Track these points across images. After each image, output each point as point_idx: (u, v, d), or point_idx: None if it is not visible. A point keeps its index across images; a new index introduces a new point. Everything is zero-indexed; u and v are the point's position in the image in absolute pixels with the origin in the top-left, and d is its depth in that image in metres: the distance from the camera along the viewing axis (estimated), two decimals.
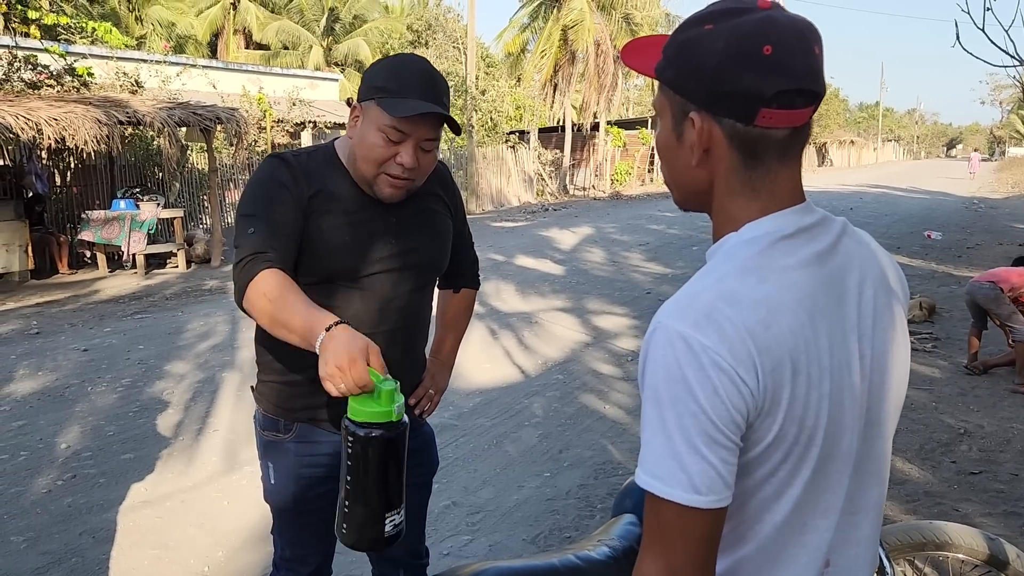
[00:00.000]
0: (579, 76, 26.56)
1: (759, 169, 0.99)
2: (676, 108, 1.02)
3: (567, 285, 9.53)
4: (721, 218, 1.04)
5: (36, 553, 3.29)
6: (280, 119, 16.10)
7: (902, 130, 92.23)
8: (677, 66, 1.00)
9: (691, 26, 0.99)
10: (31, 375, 5.91)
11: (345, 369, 1.39)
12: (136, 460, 4.26)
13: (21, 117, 8.91)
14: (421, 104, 1.66)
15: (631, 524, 1.87)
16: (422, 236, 1.87)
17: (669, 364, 0.91)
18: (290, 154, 1.80)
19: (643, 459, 0.93)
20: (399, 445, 1.47)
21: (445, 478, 3.93)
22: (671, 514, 0.91)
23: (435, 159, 1.79)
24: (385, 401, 1.43)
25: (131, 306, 8.76)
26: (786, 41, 0.93)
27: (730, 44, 0.94)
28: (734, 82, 0.94)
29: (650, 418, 0.92)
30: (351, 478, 1.43)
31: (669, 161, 1.07)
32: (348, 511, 1.46)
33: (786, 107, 0.94)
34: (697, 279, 0.98)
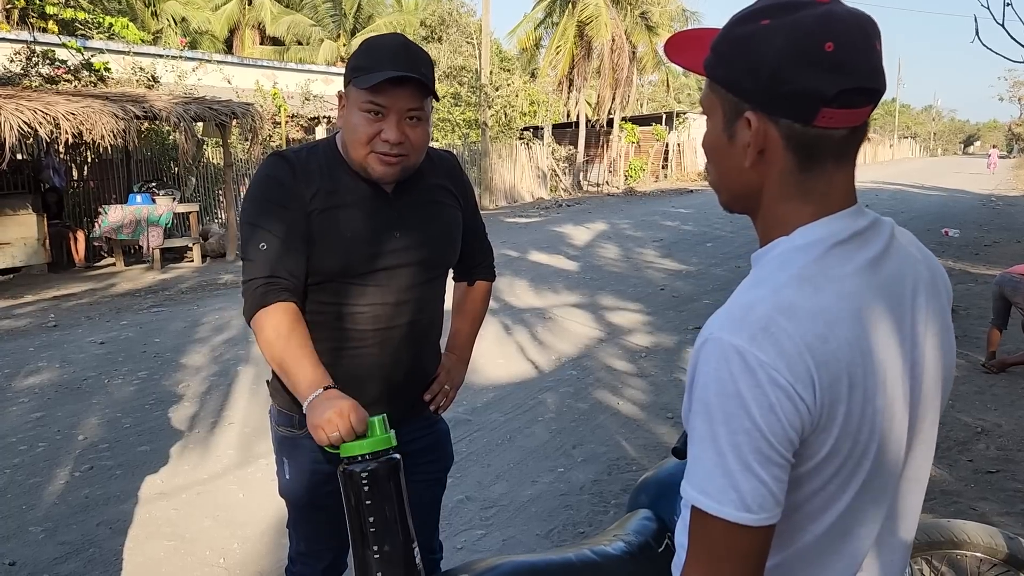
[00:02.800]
0: (594, 72, 26.50)
1: (814, 171, 0.95)
2: (728, 108, 0.97)
3: (581, 281, 9.51)
4: (770, 222, 1.00)
5: (54, 543, 3.32)
6: (294, 114, 16.15)
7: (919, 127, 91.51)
8: (731, 64, 0.96)
9: (746, 21, 0.94)
10: (49, 367, 5.97)
11: (345, 414, 1.45)
12: (152, 452, 4.29)
13: (39, 112, 8.98)
14: (391, 72, 1.63)
15: (646, 519, 1.87)
16: (428, 229, 1.86)
17: (723, 379, 0.87)
18: (291, 152, 1.80)
19: (691, 474, 0.90)
20: (402, 472, 1.47)
21: (459, 473, 3.93)
22: (720, 531, 0.88)
23: (426, 133, 1.76)
24: (381, 429, 1.46)
25: (147, 300, 8.82)
26: (848, 38, 0.89)
27: (790, 41, 0.90)
28: (794, 81, 0.90)
29: (700, 433, 0.89)
30: (373, 519, 1.41)
31: (718, 163, 1.03)
32: (378, 556, 1.41)
33: (847, 106, 0.90)
34: (750, 288, 0.94)
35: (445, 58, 23.29)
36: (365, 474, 1.40)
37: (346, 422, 1.44)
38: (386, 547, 1.41)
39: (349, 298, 1.78)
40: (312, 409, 1.50)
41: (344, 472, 1.42)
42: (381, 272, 1.79)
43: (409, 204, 1.82)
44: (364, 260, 1.77)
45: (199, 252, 11.67)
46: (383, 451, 1.43)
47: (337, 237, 1.74)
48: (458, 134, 21.03)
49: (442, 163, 1.92)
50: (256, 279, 1.68)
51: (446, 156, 1.97)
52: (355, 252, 1.76)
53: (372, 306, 1.79)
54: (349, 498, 1.42)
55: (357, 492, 1.41)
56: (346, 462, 1.43)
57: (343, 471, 1.42)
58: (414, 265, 1.83)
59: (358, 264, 1.76)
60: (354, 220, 1.76)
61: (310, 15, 30.98)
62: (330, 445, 1.46)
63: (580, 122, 26.20)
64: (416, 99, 1.69)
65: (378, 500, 1.41)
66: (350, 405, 1.47)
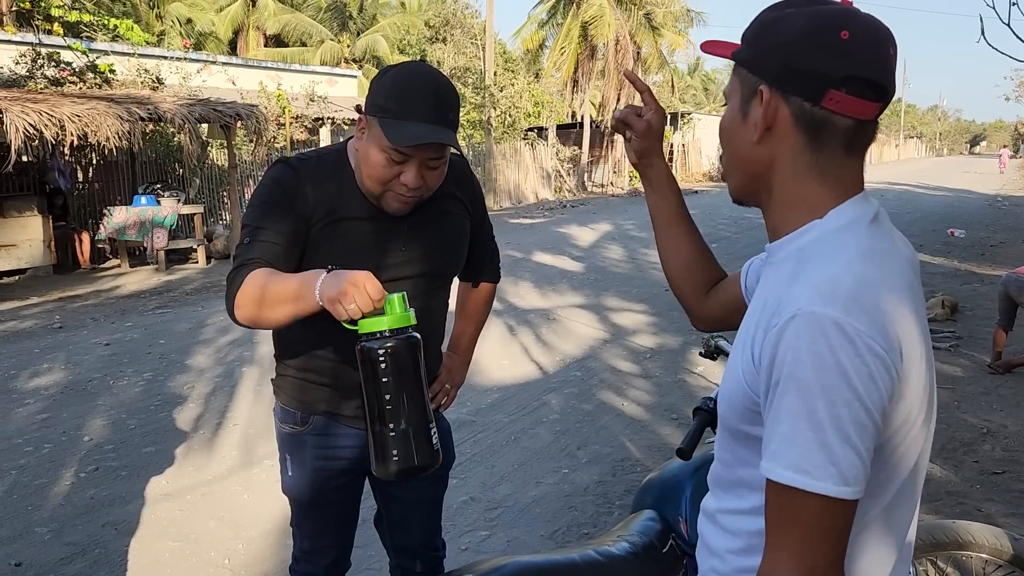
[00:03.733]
0: (598, 73, 26.50)
1: (824, 152, 1.00)
2: (746, 87, 1.04)
3: (585, 282, 9.51)
4: (788, 202, 1.04)
5: (60, 544, 3.33)
6: (298, 115, 16.17)
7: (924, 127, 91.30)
8: (755, 45, 1.03)
9: (774, 9, 1.03)
10: (54, 369, 5.98)
11: (359, 284, 1.36)
12: (157, 453, 4.30)
13: (44, 114, 9.01)
14: (422, 131, 1.59)
15: (651, 520, 1.87)
16: (435, 242, 1.84)
17: (820, 352, 0.87)
18: (297, 159, 1.77)
19: (780, 454, 0.90)
20: (421, 351, 1.44)
21: (463, 474, 3.93)
22: (815, 509, 0.88)
23: (443, 174, 1.72)
24: (401, 307, 1.41)
25: (152, 301, 8.84)
26: (863, 32, 0.96)
27: (808, 22, 0.97)
28: (807, 59, 0.96)
29: (792, 410, 0.89)
30: (390, 396, 1.39)
31: (731, 141, 1.08)
32: (394, 434, 1.40)
33: (854, 95, 0.96)
34: (821, 266, 0.95)
35: (449, 59, 23.30)
36: (383, 351, 1.37)
37: (363, 292, 1.36)
38: (402, 425, 1.39)
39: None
40: (324, 289, 1.41)
41: (361, 349, 1.39)
42: (387, 283, 1.78)
43: (417, 218, 1.79)
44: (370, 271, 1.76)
45: (204, 253, 11.69)
46: (402, 328, 1.40)
47: (342, 248, 1.73)
48: (462, 135, 21.06)
49: (452, 170, 1.86)
50: (231, 272, 1.65)
51: (456, 162, 1.90)
52: (360, 263, 1.74)
53: None
54: (367, 375, 1.39)
55: (375, 369, 1.38)
56: (364, 339, 1.39)
57: (361, 348, 1.39)
58: (420, 277, 1.82)
59: None
60: (360, 232, 1.74)
61: (314, 16, 31.05)
62: (348, 321, 1.39)
63: (584, 123, 26.20)
64: (440, 150, 1.66)
65: (396, 378, 1.38)
66: (364, 275, 1.38)
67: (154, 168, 13.49)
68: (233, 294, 1.61)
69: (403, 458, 1.41)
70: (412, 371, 1.40)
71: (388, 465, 1.41)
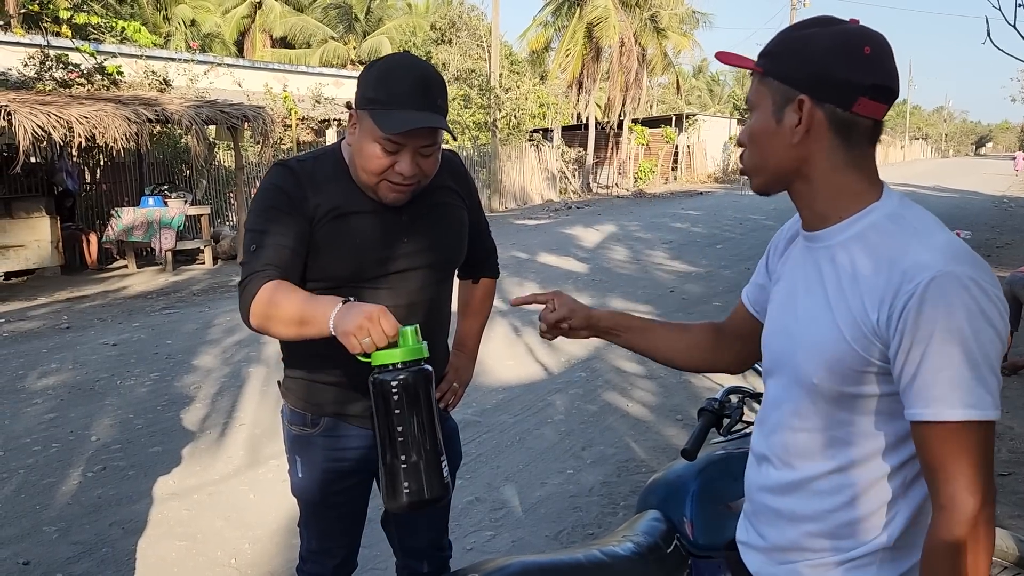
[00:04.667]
0: (603, 74, 26.49)
1: (855, 150, 1.17)
2: (778, 96, 1.17)
3: (590, 283, 9.51)
4: (832, 191, 1.19)
5: (67, 543, 3.35)
6: (305, 117, 16.21)
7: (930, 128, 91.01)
8: (784, 59, 1.18)
9: (798, 29, 1.19)
10: (62, 369, 6.01)
11: (374, 319, 1.38)
12: (164, 453, 4.32)
13: (53, 115, 9.05)
14: (412, 117, 1.62)
15: (655, 520, 1.87)
16: (436, 232, 1.86)
17: (967, 303, 1.04)
18: (295, 161, 1.79)
19: (948, 397, 1.05)
20: (433, 383, 1.46)
21: (468, 474, 3.94)
22: (983, 435, 1.06)
23: (437, 160, 1.75)
24: (413, 340, 1.42)
25: (159, 302, 8.88)
26: (880, 47, 1.14)
27: (836, 40, 1.14)
28: (841, 72, 1.12)
29: (950, 357, 1.04)
30: (402, 428, 1.40)
31: (765, 144, 1.21)
32: (405, 466, 1.41)
33: (877, 99, 1.14)
34: (929, 235, 1.11)
35: (455, 61, 23.30)
36: (396, 383, 1.38)
37: (377, 327, 1.38)
38: (413, 457, 1.40)
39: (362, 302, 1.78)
40: (338, 322, 1.43)
41: (374, 381, 1.40)
42: (392, 276, 1.80)
43: (417, 210, 1.82)
44: (374, 265, 1.77)
45: (210, 254, 11.73)
46: (415, 361, 1.41)
47: (346, 245, 1.75)
48: (468, 136, 21.06)
49: (446, 164, 1.91)
50: (243, 280, 1.67)
51: (449, 156, 1.96)
52: (365, 258, 1.76)
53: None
54: (379, 407, 1.40)
55: (386, 401, 1.39)
56: (377, 371, 1.41)
57: (373, 380, 1.40)
58: (424, 268, 1.84)
59: (368, 269, 1.77)
60: (362, 228, 1.76)
61: (320, 18, 31.11)
62: (362, 353, 1.41)
63: (590, 124, 26.18)
64: (432, 136, 1.68)
65: (408, 410, 1.39)
66: (378, 309, 1.40)
67: (161, 169, 13.54)
68: (248, 303, 1.63)
69: (414, 491, 1.42)
70: (424, 403, 1.42)
71: (399, 497, 1.42)
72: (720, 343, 1.57)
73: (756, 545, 1.36)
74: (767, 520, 1.32)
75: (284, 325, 1.57)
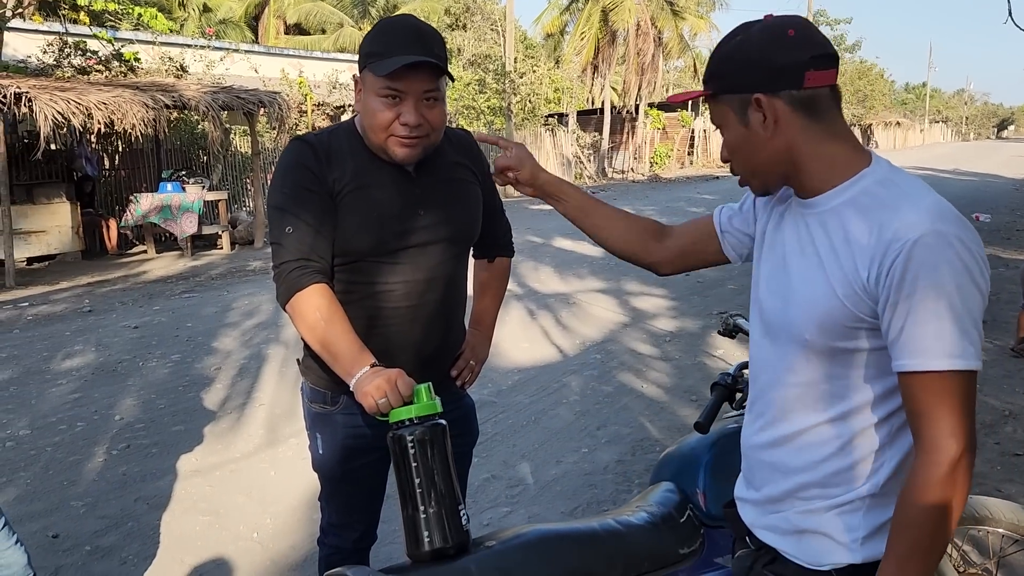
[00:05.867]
0: (619, 58, 26.34)
1: (826, 120, 1.23)
2: (736, 105, 1.25)
3: (605, 267, 9.53)
4: (822, 164, 1.24)
5: (94, 517, 3.44)
6: (321, 102, 16.25)
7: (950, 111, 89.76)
8: (725, 74, 1.25)
9: (723, 45, 1.26)
10: (85, 351, 6.12)
11: (392, 381, 1.50)
12: (186, 432, 4.40)
13: (72, 102, 9.14)
14: (406, 58, 1.66)
15: (669, 491, 1.91)
16: (451, 206, 1.89)
17: (951, 260, 1.10)
18: (312, 136, 1.83)
19: (932, 348, 1.11)
20: (448, 437, 1.51)
21: (485, 452, 3.99)
22: (965, 383, 1.12)
23: (443, 112, 1.79)
24: (427, 396, 1.51)
25: (179, 286, 8.98)
26: (801, 25, 1.22)
27: (764, 36, 1.21)
28: (780, 58, 1.19)
29: (934, 311, 1.10)
30: (420, 480, 1.45)
31: (746, 150, 1.27)
32: (425, 516, 1.46)
33: (822, 68, 1.20)
34: (917, 197, 1.17)
35: (470, 45, 23.24)
36: (412, 438, 1.45)
37: (394, 389, 1.49)
38: (432, 507, 1.46)
39: (380, 276, 1.82)
40: (359, 383, 1.56)
41: (392, 437, 1.47)
42: (411, 249, 1.83)
43: (431, 182, 1.86)
44: (392, 238, 1.81)
45: (228, 239, 11.82)
46: (429, 416, 1.48)
47: (365, 217, 1.78)
48: (483, 121, 21.03)
49: (459, 141, 1.96)
50: (288, 262, 1.72)
51: (463, 135, 2.00)
52: (383, 231, 1.80)
53: (403, 283, 1.83)
54: (397, 461, 1.47)
55: (404, 455, 1.46)
56: (394, 427, 1.48)
57: (391, 436, 1.47)
58: (441, 242, 1.87)
59: (387, 243, 1.80)
60: (380, 200, 1.79)
61: (334, 3, 31.06)
62: (378, 412, 1.51)
63: (605, 108, 26.07)
64: (432, 81, 1.72)
65: (425, 463, 1.45)
66: (397, 373, 1.52)
67: (179, 155, 13.63)
68: (290, 294, 1.72)
69: (435, 539, 1.46)
70: (439, 456, 1.47)
71: (420, 546, 1.46)
72: (658, 240, 1.66)
73: (751, 499, 1.43)
74: (761, 474, 1.40)
75: (314, 341, 1.71)
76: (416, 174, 1.84)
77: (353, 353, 1.64)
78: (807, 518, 1.31)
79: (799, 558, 1.33)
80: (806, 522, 1.32)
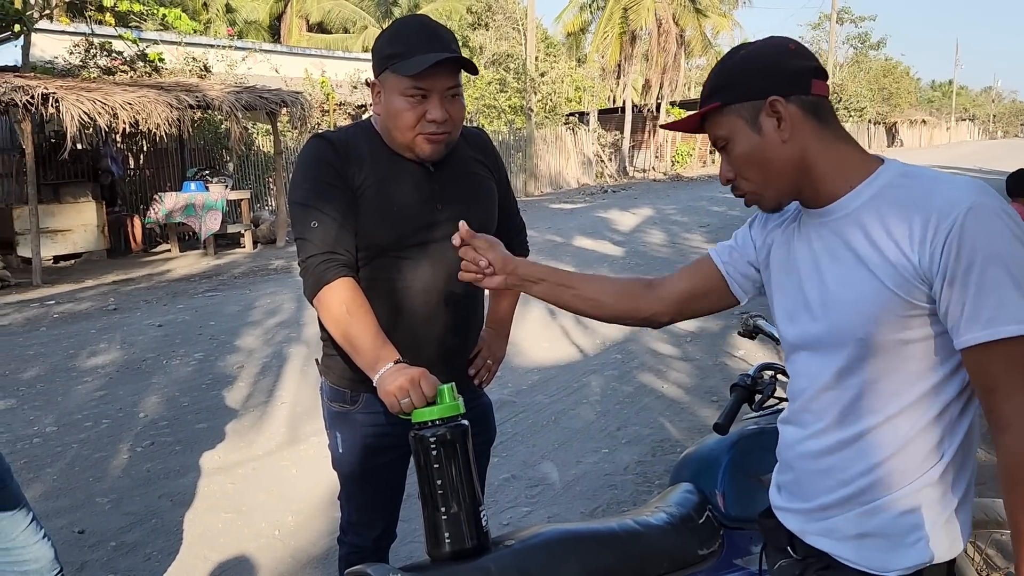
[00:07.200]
0: (641, 57, 26.25)
1: (832, 124, 1.26)
2: (747, 113, 1.25)
3: (626, 266, 9.50)
4: (835, 169, 1.25)
5: (120, 514, 3.49)
6: (342, 102, 16.34)
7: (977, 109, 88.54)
8: (736, 83, 1.26)
9: (727, 60, 1.30)
10: (110, 348, 6.20)
11: (416, 381, 1.51)
12: (209, 429, 4.45)
13: (98, 102, 9.27)
14: (431, 56, 1.69)
15: (688, 492, 1.91)
16: (469, 201, 1.91)
17: (1002, 230, 1.11)
18: (331, 133, 1.86)
19: (999, 317, 1.10)
20: (470, 438, 1.52)
21: (504, 452, 4.00)
22: None
23: (463, 106, 1.83)
24: (450, 397, 1.51)
25: (202, 284, 9.07)
26: (797, 42, 1.28)
27: (770, 48, 1.27)
28: (790, 65, 1.24)
29: (996, 280, 1.10)
30: (441, 481, 1.46)
31: (761, 160, 1.27)
32: (445, 518, 1.46)
33: (821, 78, 1.26)
34: (947, 179, 1.19)
35: (491, 44, 23.24)
36: (434, 439, 1.46)
37: (417, 389, 1.50)
38: (453, 508, 1.46)
39: (400, 272, 1.84)
40: (383, 380, 1.57)
41: (415, 437, 1.48)
42: (430, 245, 1.85)
43: (449, 178, 1.88)
44: (412, 233, 1.83)
45: (251, 238, 11.92)
46: (451, 417, 1.49)
47: (385, 212, 1.80)
48: (504, 120, 21.04)
49: (475, 139, 2.00)
50: (314, 256, 1.74)
51: (478, 133, 2.04)
52: (403, 226, 1.82)
53: (423, 278, 1.85)
54: (419, 461, 1.47)
55: (427, 456, 1.46)
56: (416, 427, 1.49)
57: (413, 436, 1.48)
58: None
59: (406, 237, 1.82)
60: (399, 195, 1.82)
61: (356, 3, 31.21)
62: (401, 412, 1.52)
63: (626, 107, 25.98)
64: (454, 77, 1.76)
65: (446, 464, 1.46)
66: (420, 372, 1.52)
67: (202, 154, 13.76)
68: (318, 287, 1.73)
69: (454, 540, 1.47)
70: (461, 457, 1.48)
71: (441, 547, 1.47)
72: (651, 291, 1.57)
73: (798, 508, 1.38)
74: (812, 483, 1.35)
75: (339, 334, 1.72)
76: (434, 169, 1.87)
77: (376, 347, 1.65)
78: (867, 520, 1.28)
79: (860, 564, 1.28)
80: (866, 524, 1.28)
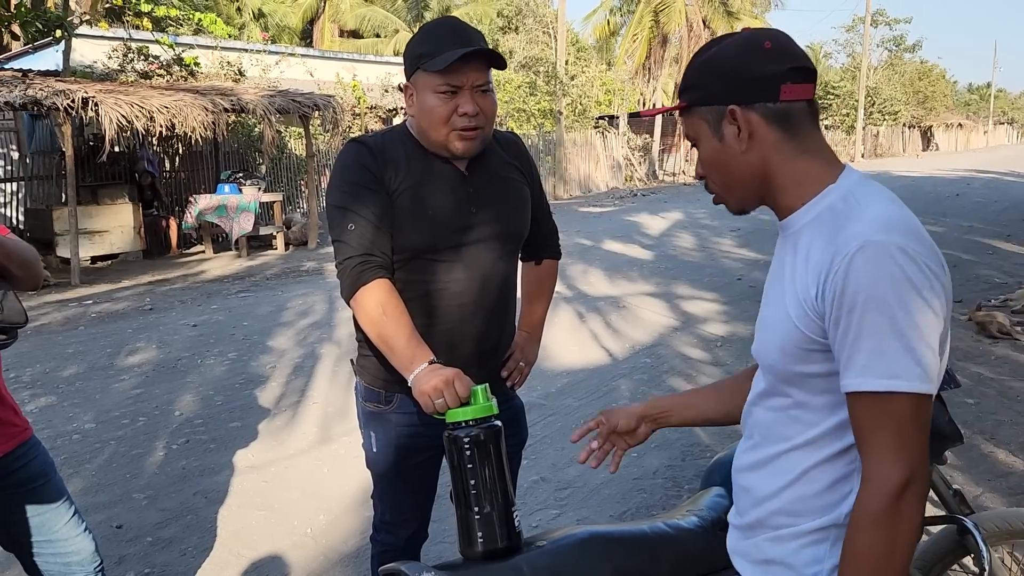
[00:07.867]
0: (671, 60, 26.15)
1: (800, 135, 1.18)
2: (711, 118, 1.20)
3: (655, 270, 9.47)
4: (793, 181, 1.19)
5: (156, 510, 3.55)
6: (374, 105, 16.46)
7: (1016, 112, 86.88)
8: (700, 84, 1.21)
9: (698, 57, 1.23)
10: (146, 348, 6.31)
11: (450, 382, 1.54)
12: (243, 428, 4.51)
13: (135, 106, 9.44)
14: (459, 51, 1.72)
15: (719, 496, 1.90)
16: (502, 204, 1.94)
17: (892, 271, 1.02)
18: (368, 137, 1.90)
19: (871, 367, 1.03)
20: (503, 438, 1.54)
21: (534, 455, 4.02)
22: (908, 408, 1.03)
23: (494, 102, 1.86)
24: (484, 398, 1.53)
25: (235, 285, 9.20)
26: (777, 38, 1.19)
27: (740, 47, 1.18)
28: (754, 70, 1.16)
29: (875, 326, 1.03)
30: (474, 481, 1.48)
31: (720, 165, 1.23)
32: (479, 517, 1.48)
33: (799, 81, 1.16)
34: (868, 208, 1.10)
35: (521, 48, 23.30)
36: (468, 439, 1.48)
37: (451, 390, 1.53)
38: (486, 508, 1.48)
39: (436, 274, 1.86)
40: (418, 380, 1.60)
41: (448, 437, 1.50)
42: (465, 247, 1.88)
43: (483, 181, 1.91)
44: (447, 236, 1.85)
45: (283, 240, 12.05)
46: (485, 418, 1.51)
47: (421, 216, 1.83)
48: (533, 124, 21.07)
49: (508, 144, 2.03)
50: (351, 258, 1.77)
51: (511, 137, 2.07)
52: (438, 229, 1.85)
53: (458, 280, 1.87)
54: (453, 461, 1.50)
55: (460, 456, 1.48)
56: (451, 428, 1.51)
57: (447, 436, 1.50)
58: (493, 239, 1.91)
59: (442, 240, 1.85)
60: (434, 199, 1.85)
61: (388, 7, 31.46)
62: (435, 412, 1.55)
63: None
64: (484, 71, 1.80)
65: (479, 464, 1.48)
66: (455, 373, 1.56)
67: (236, 157, 13.94)
68: (355, 288, 1.76)
69: (487, 540, 1.48)
70: (495, 457, 1.50)
71: (474, 546, 1.49)
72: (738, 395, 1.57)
73: (736, 524, 1.41)
74: (740, 498, 1.37)
75: (374, 335, 1.75)
76: (469, 173, 1.89)
77: (412, 348, 1.68)
78: (774, 547, 1.27)
79: None
80: (773, 551, 1.28)
